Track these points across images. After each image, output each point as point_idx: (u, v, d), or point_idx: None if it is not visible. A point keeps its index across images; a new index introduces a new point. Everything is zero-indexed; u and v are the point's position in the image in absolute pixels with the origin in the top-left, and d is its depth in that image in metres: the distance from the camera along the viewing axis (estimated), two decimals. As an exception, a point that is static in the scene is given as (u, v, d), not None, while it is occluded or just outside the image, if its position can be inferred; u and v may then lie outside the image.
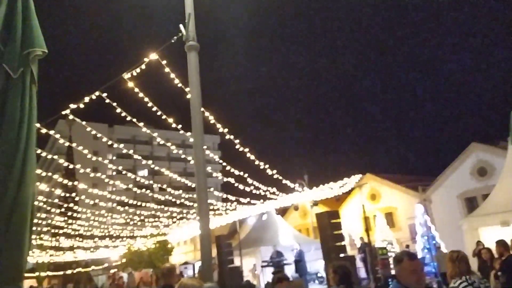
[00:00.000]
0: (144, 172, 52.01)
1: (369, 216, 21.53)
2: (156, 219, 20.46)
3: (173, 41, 5.29)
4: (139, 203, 17.84)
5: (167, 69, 6.29)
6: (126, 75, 5.96)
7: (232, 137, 9.45)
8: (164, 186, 15.61)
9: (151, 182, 16.40)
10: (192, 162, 11.49)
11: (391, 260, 16.77)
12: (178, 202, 18.02)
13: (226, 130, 8.90)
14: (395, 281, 2.82)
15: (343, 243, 12.87)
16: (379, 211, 25.55)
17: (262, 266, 18.30)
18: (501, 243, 7.24)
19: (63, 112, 6.38)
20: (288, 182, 14.35)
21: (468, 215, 16.37)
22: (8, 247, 2.18)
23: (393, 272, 13.61)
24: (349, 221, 25.96)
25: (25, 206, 2.28)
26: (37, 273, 24.50)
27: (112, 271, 28.28)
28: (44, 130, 6.81)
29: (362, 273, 16.21)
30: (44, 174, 10.35)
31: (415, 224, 20.92)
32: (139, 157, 12.84)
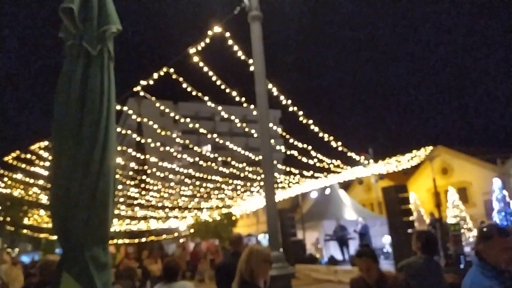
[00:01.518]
0: (208, 147, 53.73)
1: (440, 191, 20.41)
2: (221, 191, 21.19)
3: (236, 12, 5.25)
4: (204, 176, 18.55)
5: (230, 41, 6.29)
6: (191, 50, 6.07)
7: (295, 108, 9.34)
8: (229, 159, 16.02)
9: (216, 155, 16.86)
10: (254, 135, 11.59)
11: (464, 237, 15.91)
12: (241, 175, 18.43)
13: (289, 101, 8.80)
14: (478, 258, 2.53)
15: (411, 218, 12.43)
16: (451, 186, 24.11)
17: (325, 240, 18.31)
18: None
19: (135, 89, 6.68)
20: (353, 155, 13.95)
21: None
22: (95, 212, 2.32)
23: (466, 249, 12.91)
24: (417, 196, 24.88)
25: (109, 175, 2.39)
26: (115, 240, 26.71)
27: (181, 240, 30.04)
28: (118, 107, 7.21)
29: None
30: (119, 148, 11.11)
31: (491, 199, 19.52)
32: (204, 131, 13.24)
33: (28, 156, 12.47)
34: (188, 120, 12.60)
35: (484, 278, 2.41)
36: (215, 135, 14.69)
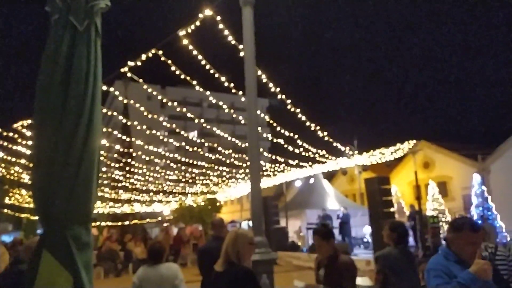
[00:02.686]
0: (195, 133, 53.44)
1: (421, 185, 20.86)
2: (206, 177, 21.19)
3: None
4: (190, 161, 18.51)
5: (221, 25, 6.21)
6: (181, 32, 5.98)
7: (283, 96, 9.34)
8: (215, 145, 16.00)
9: (202, 140, 16.84)
10: (242, 122, 11.59)
11: (442, 230, 16.31)
12: (227, 161, 18.45)
13: (278, 89, 8.79)
14: (445, 246, 2.64)
15: (391, 209, 12.68)
16: (432, 179, 24.62)
17: (308, 229, 18.56)
18: None
19: (122, 70, 6.56)
20: (338, 145, 14.10)
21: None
22: (77, 191, 2.29)
23: (443, 242, 13.20)
24: (398, 189, 25.35)
25: (93, 155, 2.37)
26: (98, 223, 26.54)
27: (164, 224, 30.04)
28: (104, 88, 7.07)
29: (410, 241, 15.98)
30: (104, 129, 10.99)
31: (470, 194, 20.04)
32: (192, 116, 13.17)
33: (11, 134, 12.22)
34: (175, 104, 12.49)
35: (445, 260, 2.52)
36: (202, 121, 14.63)
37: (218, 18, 6.01)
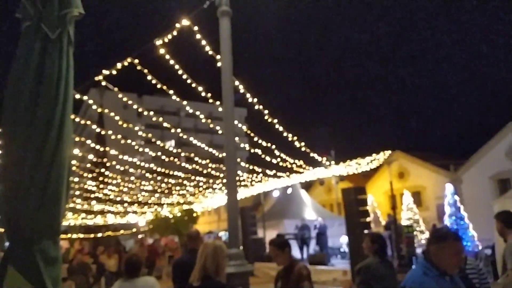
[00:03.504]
0: (172, 142, 52.91)
1: (396, 195, 21.29)
2: (183, 187, 20.92)
3: (205, 6, 5.19)
4: (166, 171, 18.25)
5: (198, 36, 6.21)
6: (158, 42, 5.94)
7: (261, 107, 9.39)
8: (192, 155, 15.86)
9: (179, 150, 16.71)
10: (219, 132, 11.57)
11: (416, 239, 16.65)
12: (204, 172, 18.30)
13: (255, 100, 8.83)
14: (424, 259, 2.50)
15: (367, 219, 12.81)
16: (406, 189, 25.16)
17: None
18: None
19: (96, 78, 6.45)
20: (315, 155, 14.24)
21: (501, 196, 15.85)
22: (46, 203, 2.23)
23: (418, 250, 13.44)
24: (374, 199, 25.76)
25: (62, 166, 2.32)
26: (69, 235, 25.75)
27: (139, 236, 29.42)
28: (78, 96, 6.94)
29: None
30: (77, 139, 10.72)
31: (443, 204, 20.54)
32: (168, 125, 13.03)
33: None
34: (152, 113, 12.34)
35: (425, 277, 2.39)
36: (179, 130, 14.50)
37: (196, 28, 6.02)
